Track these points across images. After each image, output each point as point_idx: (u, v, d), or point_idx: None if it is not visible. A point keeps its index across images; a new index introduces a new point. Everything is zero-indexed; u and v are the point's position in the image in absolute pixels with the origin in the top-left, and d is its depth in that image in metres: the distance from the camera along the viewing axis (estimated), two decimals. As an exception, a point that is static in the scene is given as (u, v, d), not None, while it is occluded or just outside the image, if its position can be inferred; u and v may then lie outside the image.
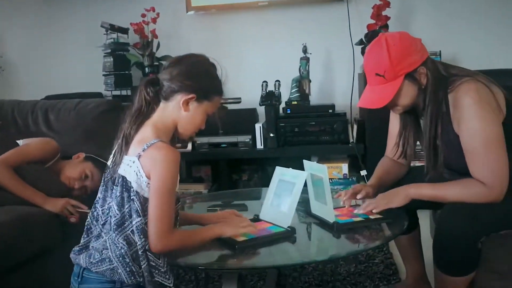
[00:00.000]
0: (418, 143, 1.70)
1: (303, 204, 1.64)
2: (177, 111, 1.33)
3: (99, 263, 1.25)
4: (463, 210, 1.45)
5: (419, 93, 1.52)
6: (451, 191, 1.49)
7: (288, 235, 1.45)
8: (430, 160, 1.57)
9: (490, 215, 1.45)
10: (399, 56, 1.47)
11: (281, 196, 1.55)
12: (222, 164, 3.29)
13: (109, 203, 1.29)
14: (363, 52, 3.19)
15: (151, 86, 1.32)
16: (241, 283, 1.39)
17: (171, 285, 1.26)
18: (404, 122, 1.67)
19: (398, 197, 1.54)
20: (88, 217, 1.35)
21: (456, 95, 1.48)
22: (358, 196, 1.62)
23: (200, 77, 1.34)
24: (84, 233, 1.34)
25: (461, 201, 1.46)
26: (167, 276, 1.26)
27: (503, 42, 3.29)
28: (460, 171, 1.52)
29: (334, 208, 1.53)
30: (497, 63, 3.11)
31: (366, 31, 3.15)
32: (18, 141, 2.10)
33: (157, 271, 1.25)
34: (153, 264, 1.24)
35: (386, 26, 3.11)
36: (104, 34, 3.40)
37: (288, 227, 1.46)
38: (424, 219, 1.92)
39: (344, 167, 3.14)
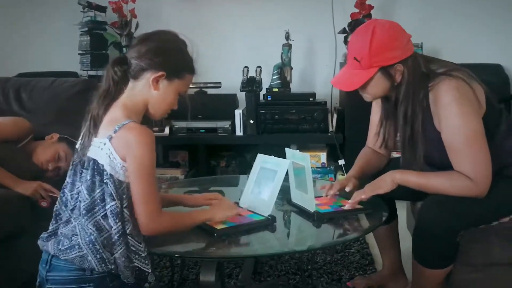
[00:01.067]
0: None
1: (283, 193, 1.61)
2: (147, 90, 1.28)
3: (68, 250, 1.20)
4: (444, 203, 1.45)
5: (392, 88, 1.51)
6: (436, 181, 1.48)
7: (268, 223, 1.43)
8: (405, 156, 1.56)
9: (470, 210, 1.45)
10: (379, 48, 1.45)
11: (262, 184, 1.52)
12: (200, 150, 3.25)
13: (78, 187, 1.24)
14: (345, 41, 3.17)
15: (118, 65, 1.28)
16: (219, 271, 1.36)
17: (150, 270, 1.23)
18: (385, 112, 1.66)
19: (385, 182, 1.53)
20: (57, 202, 1.30)
21: (436, 93, 1.46)
22: (347, 189, 1.60)
23: (170, 54, 1.30)
24: (52, 219, 1.29)
25: (445, 192, 1.45)
26: (146, 262, 1.22)
27: (485, 35, 3.31)
28: (442, 165, 1.50)
29: (314, 198, 1.51)
30: (479, 57, 3.14)
31: (349, 20, 3.13)
32: (-13, 119, 2.01)
33: (137, 256, 1.21)
34: (133, 249, 1.21)
35: (369, 16, 3.10)
36: (81, 11, 3.30)
37: (269, 215, 1.44)
38: (401, 210, 1.92)
39: (323, 156, 3.14)
